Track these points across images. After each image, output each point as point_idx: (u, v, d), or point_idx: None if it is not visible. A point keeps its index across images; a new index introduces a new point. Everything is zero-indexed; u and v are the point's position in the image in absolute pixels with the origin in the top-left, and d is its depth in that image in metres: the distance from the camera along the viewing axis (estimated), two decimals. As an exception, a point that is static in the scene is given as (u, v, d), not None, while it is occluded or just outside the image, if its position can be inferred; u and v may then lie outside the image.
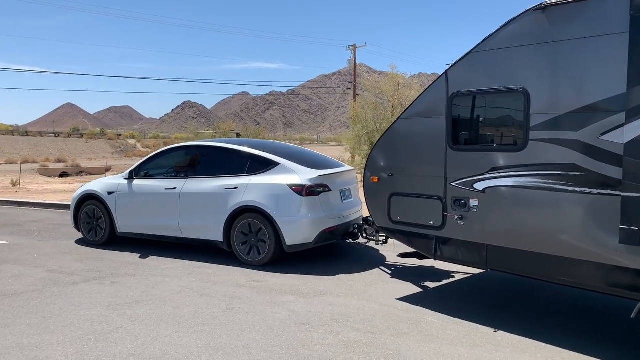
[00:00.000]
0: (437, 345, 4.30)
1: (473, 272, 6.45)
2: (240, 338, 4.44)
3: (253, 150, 7.30)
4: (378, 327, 4.71)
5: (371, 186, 5.97)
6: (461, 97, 5.09)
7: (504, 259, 4.82)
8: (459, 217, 5.08)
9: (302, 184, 6.69)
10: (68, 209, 12.64)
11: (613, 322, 4.91)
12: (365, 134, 22.85)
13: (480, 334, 4.53)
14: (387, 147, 5.86)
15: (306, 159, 7.49)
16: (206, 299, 5.53)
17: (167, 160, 8.16)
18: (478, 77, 4.94)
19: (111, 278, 6.36)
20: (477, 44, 4.94)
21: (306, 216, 6.66)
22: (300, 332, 4.56)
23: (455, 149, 5.13)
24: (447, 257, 5.36)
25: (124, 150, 72.85)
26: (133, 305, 5.30)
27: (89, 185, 8.60)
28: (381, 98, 24.39)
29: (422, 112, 5.49)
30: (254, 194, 6.83)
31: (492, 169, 4.82)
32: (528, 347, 4.27)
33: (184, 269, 6.78)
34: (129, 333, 4.55)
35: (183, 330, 4.61)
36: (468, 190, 5.01)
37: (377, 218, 6.00)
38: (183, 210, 7.38)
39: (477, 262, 5.07)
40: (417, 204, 5.51)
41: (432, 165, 5.32)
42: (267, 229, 6.74)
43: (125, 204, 7.96)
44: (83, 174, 37.51)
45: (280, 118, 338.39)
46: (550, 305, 5.43)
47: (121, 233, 8.08)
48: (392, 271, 6.68)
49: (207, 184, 7.27)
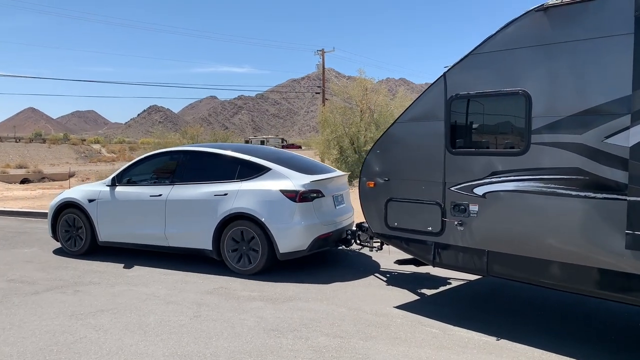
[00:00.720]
0: (405, 347, 4.33)
1: (469, 279, 6.35)
2: (207, 345, 4.38)
3: (243, 155, 7.08)
4: (347, 331, 4.72)
5: (367, 191, 5.82)
6: (460, 100, 4.96)
7: (506, 265, 4.71)
8: (458, 223, 4.96)
9: (296, 190, 6.52)
10: (29, 217, 12.35)
11: (619, 329, 4.86)
12: (334, 138, 22.93)
13: (448, 336, 4.59)
14: (383, 151, 5.71)
15: (297, 164, 7.31)
16: (173, 306, 5.44)
17: (152, 166, 7.88)
18: (477, 80, 4.83)
19: (75, 287, 6.20)
20: (477, 46, 4.82)
21: (300, 223, 6.47)
22: (268, 338, 4.54)
23: (454, 153, 5.00)
24: (446, 263, 5.22)
25: (88, 155, 71.35)
26: (97, 315, 5.18)
27: (68, 193, 8.25)
28: (350, 103, 24.51)
29: (419, 116, 5.36)
30: (245, 200, 6.62)
31: (492, 173, 4.70)
32: (494, 349, 4.34)
33: (151, 276, 6.66)
34: (93, 343, 4.45)
35: (149, 339, 4.53)
36: (468, 195, 4.89)
37: (373, 224, 5.84)
38: (169, 218, 7.13)
39: (477, 268, 4.94)
40: (414, 209, 5.36)
41: (430, 169, 5.20)
42: (259, 237, 6.54)
43: (108, 212, 7.63)
44: (45, 180, 36.54)
45: (249, 122, 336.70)
46: (549, 311, 5.33)
47: (103, 242, 7.76)
48: (388, 278, 6.55)
49: (195, 190, 7.03)
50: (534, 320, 5.04)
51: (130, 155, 67.10)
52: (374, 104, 23.13)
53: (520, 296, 5.80)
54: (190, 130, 26.01)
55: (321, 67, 40.24)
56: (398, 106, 23.06)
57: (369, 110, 23.09)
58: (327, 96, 35.52)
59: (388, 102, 23.43)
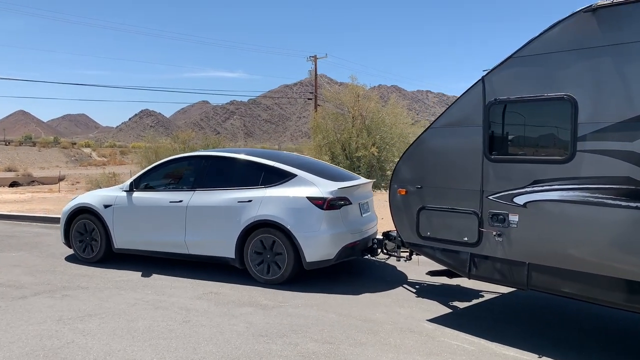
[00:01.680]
0: (394, 354, 4.34)
1: (503, 291, 6.13)
2: (196, 351, 4.36)
3: (267, 161, 6.87)
4: (336, 337, 4.71)
5: (398, 199, 5.58)
6: (500, 105, 4.75)
7: (548, 279, 4.46)
8: (496, 234, 4.72)
9: (323, 197, 6.31)
10: (18, 220, 12.24)
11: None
12: (326, 144, 22.95)
13: (437, 343, 4.60)
14: (416, 157, 5.49)
15: (322, 170, 7.09)
16: (162, 311, 5.41)
17: (171, 172, 7.68)
18: (519, 84, 4.61)
19: (63, 291, 6.15)
20: (519, 49, 4.61)
21: (327, 231, 6.27)
22: (258, 344, 4.52)
23: (493, 160, 4.78)
24: (482, 275, 4.96)
25: (79, 159, 70.91)
26: (85, 319, 5.14)
27: (82, 198, 7.96)
28: (342, 109, 24.55)
29: (455, 121, 5.14)
30: (270, 207, 6.41)
31: (534, 181, 4.47)
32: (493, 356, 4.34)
33: (139, 281, 6.63)
34: (80, 348, 4.41)
35: (137, 344, 4.50)
36: (507, 205, 4.65)
37: (404, 233, 5.61)
38: (190, 225, 6.89)
39: (516, 281, 4.69)
40: (449, 218, 5.12)
41: (466, 177, 4.96)
42: (285, 245, 6.33)
43: (124, 218, 7.39)
44: (35, 184, 36.25)
45: (241, 127, 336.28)
46: (590, 327, 5.10)
47: (119, 249, 7.50)
48: (417, 289, 6.33)
49: (218, 196, 6.79)
50: (575, 336, 4.83)
51: (121, 159, 66.79)
52: (365, 111, 23.18)
53: (559, 310, 5.57)
54: (181, 135, 25.91)
55: (313, 73, 40.36)
56: (389, 113, 23.16)
57: (360, 116, 23.14)
58: (319, 102, 35.59)
59: (380, 109, 23.48)
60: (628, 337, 4.94)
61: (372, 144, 21.92)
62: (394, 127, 22.61)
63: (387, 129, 22.52)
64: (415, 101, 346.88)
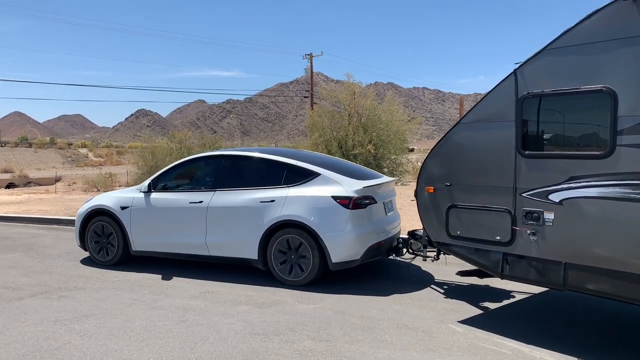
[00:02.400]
0: (390, 351, 4.35)
1: (534, 291, 5.97)
2: (193, 350, 4.37)
3: (290, 160, 6.75)
4: (333, 334, 4.72)
5: (426, 197, 5.43)
6: (533, 99, 4.56)
7: (586, 279, 4.29)
8: (531, 232, 4.56)
9: (349, 196, 6.18)
10: (14, 222, 12.21)
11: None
12: (322, 142, 22.95)
13: (432, 339, 4.61)
14: (445, 154, 5.31)
15: (344, 168, 6.96)
16: (158, 311, 5.42)
17: (190, 172, 7.55)
18: (554, 77, 4.42)
19: (59, 292, 6.14)
20: (553, 40, 4.41)
21: (353, 231, 6.14)
22: (254, 342, 4.53)
23: (527, 156, 4.60)
24: (516, 276, 4.78)
25: (75, 160, 70.73)
26: (82, 320, 5.14)
27: (98, 200, 7.78)
28: (338, 106, 24.56)
29: (486, 116, 4.96)
30: (295, 207, 6.29)
31: (570, 178, 4.29)
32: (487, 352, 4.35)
33: (136, 281, 6.62)
34: (77, 349, 4.41)
35: (134, 344, 4.50)
36: (542, 202, 4.49)
37: (433, 232, 5.44)
38: (211, 226, 6.76)
39: (552, 282, 4.52)
40: (480, 217, 4.96)
41: (498, 174, 4.79)
42: (310, 245, 6.21)
43: (142, 220, 7.24)
44: (31, 185, 36.14)
45: (238, 126, 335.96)
46: (630, 329, 4.97)
47: (136, 252, 7.36)
48: (445, 290, 6.21)
49: (239, 196, 6.66)
50: (615, 338, 4.69)
51: (117, 159, 66.66)
52: (362, 108, 23.19)
53: (596, 311, 5.40)
54: (178, 135, 25.82)
55: (309, 71, 40.35)
56: (386, 110, 23.17)
57: (357, 114, 23.14)
58: (316, 100, 35.60)
59: (376, 106, 23.49)
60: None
61: (368, 141, 21.93)
62: (390, 125, 22.62)
63: (383, 126, 22.54)
64: (412, 98, 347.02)
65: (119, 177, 26.17)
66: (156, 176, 7.47)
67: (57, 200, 17.37)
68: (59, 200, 16.98)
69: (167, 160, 23.99)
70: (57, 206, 14.80)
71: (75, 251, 8.17)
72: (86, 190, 22.72)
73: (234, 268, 7.05)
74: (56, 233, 10.56)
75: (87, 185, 23.89)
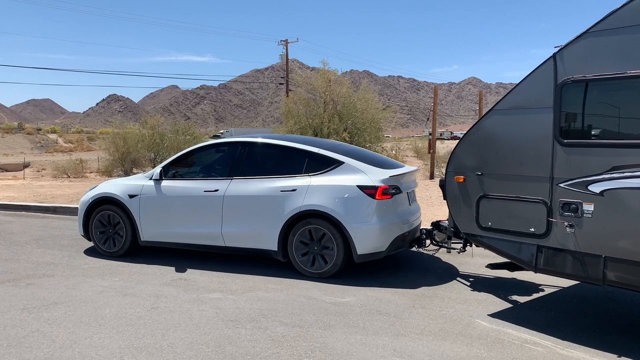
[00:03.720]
0: (362, 336, 4.39)
1: (564, 285, 5.81)
2: (165, 337, 4.34)
3: (311, 148, 6.50)
4: (306, 320, 4.75)
5: (455, 187, 5.22)
6: (574, 85, 4.32)
7: (628, 274, 4.06)
8: (568, 224, 4.35)
9: (375, 185, 5.98)
10: (-20, 208, 11.89)
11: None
12: (297, 129, 22.87)
13: (405, 324, 4.67)
14: (477, 142, 5.08)
15: (367, 157, 6.72)
16: (130, 298, 5.36)
17: (204, 159, 7.26)
18: (597, 61, 4.18)
19: (27, 279, 6.02)
20: (596, 23, 4.20)
21: (379, 222, 5.95)
22: (227, 329, 4.52)
23: (565, 144, 4.36)
24: (551, 269, 4.58)
25: (44, 145, 69.09)
26: (50, 307, 5.05)
27: (103, 187, 7.39)
28: (313, 94, 24.48)
29: (521, 103, 4.72)
30: (318, 196, 6.07)
31: (613, 168, 4.06)
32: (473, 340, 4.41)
33: (107, 268, 6.54)
34: (45, 336, 4.34)
35: (104, 332, 4.45)
36: (581, 193, 4.27)
37: (461, 223, 5.24)
38: (227, 216, 6.50)
39: (590, 276, 4.29)
40: (513, 208, 4.76)
41: (534, 163, 4.58)
42: (334, 237, 6.01)
43: (153, 209, 6.92)
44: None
45: (212, 113, 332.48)
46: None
47: (145, 242, 7.03)
48: (471, 282, 6.03)
49: (258, 185, 6.41)
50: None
51: (88, 145, 65.38)
52: (337, 96, 23.16)
53: (637, 305, 5.29)
54: (150, 121, 25.42)
55: (285, 57, 40.07)
56: (361, 98, 23.18)
57: (332, 101, 23.11)
58: (291, 87, 35.42)
59: (351, 94, 23.48)
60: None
61: (343, 129, 21.95)
62: (365, 113, 22.66)
63: (358, 114, 22.57)
64: (387, 86, 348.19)
65: (89, 164, 25.64)
66: (167, 163, 7.17)
67: (26, 186, 16.97)
68: (28, 187, 16.59)
69: (139, 147, 23.66)
70: (26, 192, 14.47)
71: (43, 238, 8.02)
72: (56, 177, 22.25)
73: (206, 255, 7.01)
74: (24, 220, 10.33)
75: (57, 171, 23.37)
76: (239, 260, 6.81)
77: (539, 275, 4.98)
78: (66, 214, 10.91)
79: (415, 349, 4.13)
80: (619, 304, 5.33)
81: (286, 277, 6.12)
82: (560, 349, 4.18)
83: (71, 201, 12.09)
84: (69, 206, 11.23)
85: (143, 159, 24.51)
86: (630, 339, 4.42)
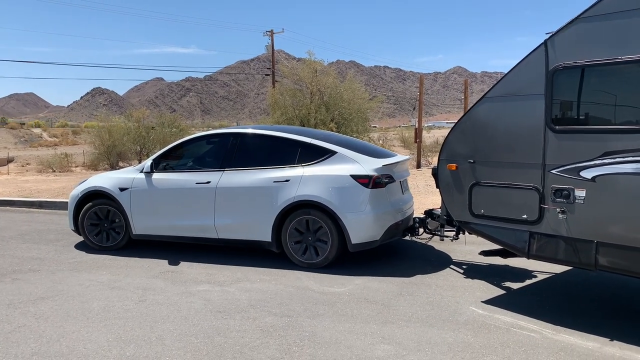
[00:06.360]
0: (350, 324, 4.42)
1: (556, 271, 5.86)
2: (153, 329, 4.33)
3: (303, 138, 6.49)
4: (295, 310, 4.76)
5: (447, 175, 5.21)
6: (565, 71, 4.31)
7: (619, 259, 4.10)
8: (560, 210, 4.36)
9: (368, 175, 5.99)
10: (-37, 204, 11.72)
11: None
12: (284, 120, 22.84)
13: (393, 312, 4.70)
14: (469, 130, 5.07)
15: (359, 147, 6.72)
16: (117, 291, 5.34)
17: (194, 151, 7.21)
18: (588, 47, 4.17)
19: (13, 275, 5.97)
20: (587, 8, 4.18)
21: (373, 211, 5.96)
22: (216, 320, 4.53)
23: (557, 131, 4.36)
24: (543, 255, 4.60)
25: (28, 140, 68.31)
26: (37, 302, 5.02)
27: (93, 181, 7.28)
28: (300, 85, 24.44)
29: (513, 90, 4.70)
30: (311, 187, 6.06)
31: (604, 153, 4.08)
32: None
33: (94, 262, 6.50)
34: (32, 331, 4.31)
35: (92, 325, 4.43)
36: (573, 179, 4.27)
37: (454, 211, 5.23)
38: (220, 208, 6.46)
39: (582, 262, 4.32)
40: (506, 194, 4.75)
41: (525, 150, 4.58)
42: (329, 226, 6.01)
43: (144, 202, 6.85)
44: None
45: (198, 105, 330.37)
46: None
47: (137, 235, 6.97)
48: (464, 270, 6.07)
49: (250, 176, 6.39)
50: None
51: (73, 139, 64.68)
52: (323, 86, 23.15)
53: (624, 288, 5.34)
54: (135, 113, 25.24)
55: (270, 48, 39.81)
56: (347, 88, 23.21)
57: (319, 92, 23.10)
58: (277, 78, 35.22)
59: (338, 85, 23.49)
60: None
61: (330, 119, 21.97)
62: (352, 103, 22.70)
63: (345, 104, 22.60)
64: (373, 77, 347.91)
65: (75, 158, 25.41)
66: (158, 155, 7.08)
67: (10, 181, 16.77)
68: (12, 182, 16.40)
69: (125, 140, 23.48)
70: (10, 187, 14.29)
71: (29, 233, 7.95)
72: (41, 172, 22.01)
73: (196, 247, 6.99)
74: (9, 215, 10.21)
75: (41, 166, 23.13)
76: (228, 252, 6.80)
77: (532, 261, 5.02)
78: (52, 209, 10.81)
79: (402, 336, 4.17)
80: (609, 288, 5.40)
81: (275, 268, 6.13)
82: (550, 333, 4.22)
83: (57, 195, 11.97)
84: (54, 201, 11.12)
85: (129, 152, 24.35)
86: (622, 322, 4.47)
